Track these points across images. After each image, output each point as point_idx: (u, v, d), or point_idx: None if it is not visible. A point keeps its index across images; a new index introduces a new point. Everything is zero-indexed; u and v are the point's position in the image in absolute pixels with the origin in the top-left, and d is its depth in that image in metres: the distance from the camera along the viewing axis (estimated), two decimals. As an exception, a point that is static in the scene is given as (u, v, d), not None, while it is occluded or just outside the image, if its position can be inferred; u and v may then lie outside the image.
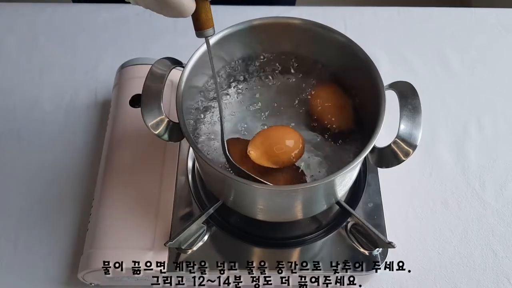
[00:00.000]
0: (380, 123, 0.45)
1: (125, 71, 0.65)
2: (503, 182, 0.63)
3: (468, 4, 1.60)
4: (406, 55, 0.76)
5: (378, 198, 0.56)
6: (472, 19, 0.81)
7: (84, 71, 0.73)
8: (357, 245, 0.53)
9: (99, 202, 0.55)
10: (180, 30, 0.78)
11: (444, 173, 0.64)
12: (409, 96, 0.47)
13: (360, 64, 0.49)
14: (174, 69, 0.49)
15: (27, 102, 0.70)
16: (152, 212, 0.54)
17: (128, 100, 0.62)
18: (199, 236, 0.53)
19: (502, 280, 0.56)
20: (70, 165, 0.64)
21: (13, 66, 0.74)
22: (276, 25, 0.52)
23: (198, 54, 0.49)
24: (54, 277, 0.56)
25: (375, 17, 0.81)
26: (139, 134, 0.59)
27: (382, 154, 0.45)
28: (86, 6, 0.81)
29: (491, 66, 0.75)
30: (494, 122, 0.69)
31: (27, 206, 0.61)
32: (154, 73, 0.48)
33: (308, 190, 0.46)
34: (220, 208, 0.52)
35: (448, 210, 0.61)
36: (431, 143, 0.67)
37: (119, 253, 0.51)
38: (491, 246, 0.59)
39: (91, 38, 0.77)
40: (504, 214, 0.61)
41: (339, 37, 0.51)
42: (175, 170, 0.57)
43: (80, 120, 0.68)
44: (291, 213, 0.52)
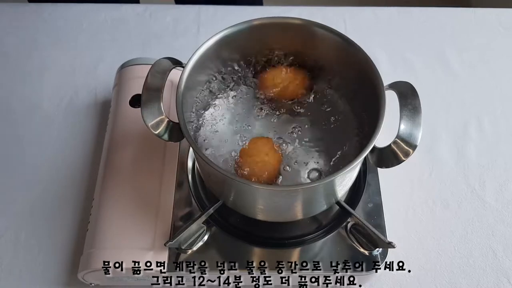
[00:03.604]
0: (380, 123, 0.45)
1: (125, 71, 0.65)
2: (503, 182, 0.63)
3: (468, 4, 1.60)
4: (406, 55, 0.76)
5: (378, 198, 0.56)
6: (472, 19, 0.81)
7: (84, 71, 0.73)
8: (357, 245, 0.53)
9: (99, 202, 0.55)
10: (180, 30, 0.78)
11: (444, 173, 0.64)
12: (409, 96, 0.47)
13: (360, 64, 0.49)
14: (174, 69, 0.49)
15: (27, 102, 0.70)
16: (152, 212, 0.54)
17: (128, 100, 0.62)
18: (199, 236, 0.53)
19: (502, 280, 0.56)
20: (70, 165, 0.64)
21: (13, 66, 0.74)
22: (276, 25, 0.52)
23: (198, 54, 0.49)
24: (54, 277, 0.56)
25: (375, 17, 0.81)
26: (139, 134, 0.59)
27: (382, 154, 0.45)
28: (86, 6, 0.81)
29: (491, 66, 0.75)
30: (494, 122, 0.69)
31: (27, 206, 0.61)
32: (154, 73, 0.48)
33: (308, 190, 0.46)
34: (220, 208, 0.52)
35: (448, 210, 0.61)
36: (431, 143, 0.67)
37: (119, 253, 0.51)
38: (491, 246, 0.59)
39: (91, 38, 0.78)
40: (504, 214, 0.61)
41: (339, 37, 0.51)
42: (175, 170, 0.57)
43: (80, 120, 0.68)
44: (291, 213, 0.52)
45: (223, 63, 0.55)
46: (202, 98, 0.54)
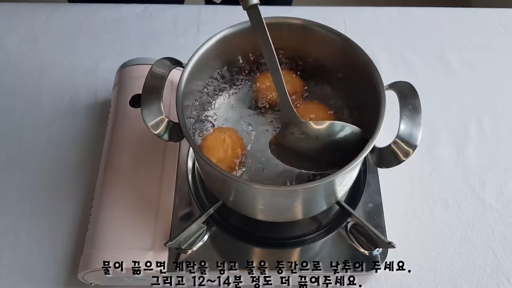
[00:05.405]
0: (380, 123, 0.45)
1: (125, 71, 0.65)
2: (503, 182, 0.63)
3: (468, 4, 1.60)
4: (406, 55, 0.76)
5: (378, 198, 0.56)
6: (472, 19, 0.81)
7: (84, 71, 0.73)
8: (357, 245, 0.53)
9: (99, 202, 0.55)
10: (180, 30, 0.78)
11: (444, 173, 0.64)
12: (409, 96, 0.47)
13: (360, 64, 0.49)
14: (174, 69, 0.49)
15: (27, 102, 0.70)
16: (152, 212, 0.54)
17: (128, 100, 0.62)
18: (199, 236, 0.53)
19: (502, 280, 0.56)
20: (70, 165, 0.64)
21: (13, 66, 0.74)
22: (276, 25, 0.52)
23: (198, 54, 0.49)
24: (54, 277, 0.56)
25: (375, 17, 0.81)
26: (139, 134, 0.59)
27: (382, 154, 0.45)
28: (86, 6, 0.81)
29: (491, 66, 0.75)
30: (494, 122, 0.69)
31: (27, 206, 0.61)
32: (154, 73, 0.48)
33: (308, 190, 0.46)
34: (220, 208, 0.52)
35: (448, 210, 0.61)
36: (431, 143, 0.67)
37: (119, 253, 0.51)
38: (491, 246, 0.59)
39: (91, 38, 0.77)
40: (504, 214, 0.61)
41: (339, 37, 0.51)
42: (175, 170, 0.57)
43: (80, 120, 0.68)
44: (291, 213, 0.52)
45: (223, 63, 0.55)
46: (202, 98, 0.54)
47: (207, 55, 0.50)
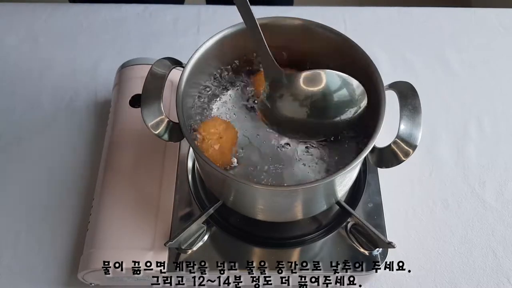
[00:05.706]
0: (380, 123, 0.45)
1: (125, 71, 0.65)
2: (503, 182, 0.63)
3: (468, 4, 1.60)
4: (406, 55, 0.76)
5: (378, 198, 0.56)
6: (472, 19, 0.81)
7: (84, 71, 0.73)
8: (357, 245, 0.53)
9: (99, 202, 0.55)
10: (180, 30, 0.78)
11: (444, 173, 0.64)
12: (409, 96, 0.47)
13: (360, 64, 0.49)
14: (174, 69, 0.49)
15: (27, 102, 0.70)
16: (152, 212, 0.54)
17: (128, 100, 0.62)
18: (199, 236, 0.53)
19: (502, 280, 0.56)
20: (70, 165, 0.64)
21: (13, 66, 0.74)
22: (276, 25, 0.52)
23: (198, 54, 0.49)
24: (54, 277, 0.56)
25: (375, 17, 0.81)
26: (139, 134, 0.59)
27: (382, 154, 0.45)
28: (86, 6, 0.81)
29: (491, 66, 0.75)
30: (494, 122, 0.69)
31: (27, 206, 0.61)
32: (154, 73, 0.48)
33: (308, 190, 0.46)
34: (220, 208, 0.52)
35: (448, 210, 0.61)
36: (431, 143, 0.67)
37: (119, 253, 0.51)
38: (491, 246, 0.59)
39: (91, 38, 0.77)
40: (504, 214, 0.61)
41: (339, 37, 0.51)
42: (175, 170, 0.57)
43: (80, 120, 0.68)
44: (291, 213, 0.52)
45: (223, 63, 0.55)
46: (202, 98, 0.54)
47: (207, 55, 0.50)
